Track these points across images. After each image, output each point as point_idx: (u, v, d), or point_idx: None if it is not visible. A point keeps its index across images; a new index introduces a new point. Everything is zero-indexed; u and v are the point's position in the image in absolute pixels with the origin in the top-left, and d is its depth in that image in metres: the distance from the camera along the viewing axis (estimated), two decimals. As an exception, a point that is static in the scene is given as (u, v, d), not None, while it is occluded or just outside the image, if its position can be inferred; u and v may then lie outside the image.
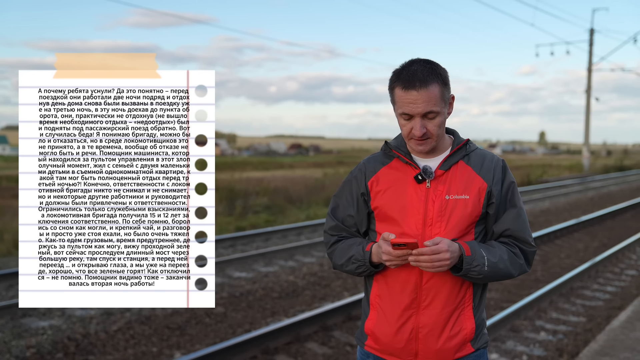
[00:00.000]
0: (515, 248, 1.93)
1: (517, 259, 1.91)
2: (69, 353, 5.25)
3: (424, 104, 1.80)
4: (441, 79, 1.84)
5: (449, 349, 1.91)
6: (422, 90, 1.79)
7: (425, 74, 1.81)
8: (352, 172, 2.06)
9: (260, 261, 8.92)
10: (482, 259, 1.83)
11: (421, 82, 1.80)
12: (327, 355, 5.18)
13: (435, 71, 1.83)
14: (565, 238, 11.14)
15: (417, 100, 1.80)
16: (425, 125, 1.83)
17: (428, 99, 1.80)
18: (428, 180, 1.89)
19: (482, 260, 1.83)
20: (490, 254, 1.85)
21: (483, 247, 1.87)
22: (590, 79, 34.37)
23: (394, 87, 1.87)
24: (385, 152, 2.01)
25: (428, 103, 1.80)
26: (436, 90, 1.81)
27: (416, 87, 1.80)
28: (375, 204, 1.96)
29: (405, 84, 1.82)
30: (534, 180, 27.42)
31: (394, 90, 1.87)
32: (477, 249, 1.84)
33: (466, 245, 1.84)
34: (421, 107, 1.80)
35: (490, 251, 1.86)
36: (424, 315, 1.90)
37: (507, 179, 1.94)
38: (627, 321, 5.22)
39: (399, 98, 1.85)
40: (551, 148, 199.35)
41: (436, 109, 1.82)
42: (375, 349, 2.00)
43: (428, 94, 1.80)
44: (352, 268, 1.96)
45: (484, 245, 1.89)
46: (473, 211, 1.89)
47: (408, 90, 1.81)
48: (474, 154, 1.96)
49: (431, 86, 1.80)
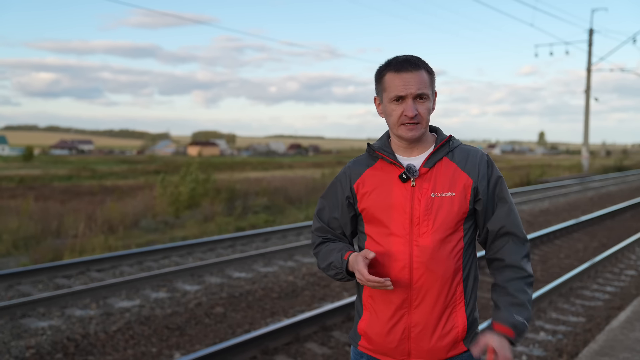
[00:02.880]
0: (520, 271, 1.92)
1: (526, 280, 1.92)
2: (69, 353, 5.25)
3: (416, 84, 1.86)
4: (428, 69, 1.92)
5: (441, 347, 1.91)
6: (414, 72, 1.87)
7: (415, 60, 1.90)
8: (338, 175, 2.07)
9: (260, 261, 8.92)
10: (523, 325, 1.86)
11: (413, 65, 1.87)
12: (327, 355, 5.18)
13: (422, 61, 1.92)
14: (564, 238, 11.15)
15: (410, 81, 1.85)
16: (417, 107, 1.87)
17: (420, 80, 1.87)
18: (413, 179, 1.90)
19: (523, 325, 1.86)
20: (520, 310, 1.87)
21: (512, 309, 1.87)
22: (589, 79, 34.39)
23: (384, 74, 1.92)
24: (369, 153, 2.02)
25: (420, 84, 1.86)
26: (425, 75, 1.89)
27: (409, 69, 1.87)
28: (362, 205, 1.97)
29: (397, 67, 1.88)
30: (534, 180, 27.44)
31: (384, 78, 1.91)
32: (512, 320, 1.85)
33: (503, 327, 1.85)
34: (414, 87, 1.85)
35: (518, 306, 1.87)
36: (415, 314, 1.91)
37: (494, 174, 1.94)
38: (626, 321, 5.22)
39: (390, 82, 1.89)
40: (550, 148, 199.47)
41: (427, 92, 1.88)
42: (369, 349, 2.01)
43: (420, 76, 1.87)
44: (331, 274, 1.98)
45: (509, 302, 1.89)
46: (460, 208, 1.89)
47: (400, 73, 1.87)
48: (458, 149, 1.96)
49: (421, 70, 1.88)
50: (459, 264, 1.91)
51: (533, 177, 28.51)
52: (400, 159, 1.95)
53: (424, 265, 1.88)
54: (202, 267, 8.20)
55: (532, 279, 1.94)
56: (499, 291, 1.93)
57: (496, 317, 1.89)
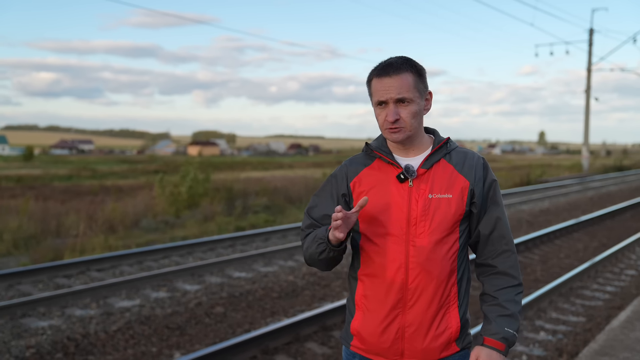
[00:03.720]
0: (511, 279, 1.95)
1: (517, 289, 1.95)
2: (69, 353, 5.25)
3: (396, 89, 1.85)
4: (416, 70, 1.89)
5: (434, 348, 1.92)
6: (395, 76, 1.85)
7: (400, 63, 1.88)
8: (333, 173, 2.07)
9: (260, 261, 8.92)
10: (513, 337, 1.89)
11: (394, 69, 1.86)
12: (327, 355, 5.18)
13: (410, 62, 1.90)
14: (564, 238, 11.15)
15: (390, 87, 1.85)
16: (398, 112, 1.87)
17: (401, 85, 1.85)
18: (410, 179, 1.90)
19: (513, 336, 1.90)
20: (510, 322, 1.90)
21: (502, 322, 1.90)
22: (589, 79, 34.38)
23: (370, 79, 1.93)
24: (366, 153, 2.02)
25: (401, 89, 1.85)
26: (409, 78, 1.87)
27: (390, 74, 1.86)
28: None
29: (379, 72, 1.88)
30: (534, 180, 27.44)
31: (371, 82, 1.92)
32: (503, 334, 1.88)
33: (494, 341, 1.88)
34: (394, 92, 1.85)
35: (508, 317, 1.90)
36: (410, 314, 1.91)
37: (489, 178, 1.95)
38: (626, 321, 5.22)
39: (374, 87, 1.89)
40: (550, 148, 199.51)
41: (409, 95, 1.86)
42: (361, 349, 2.00)
43: (401, 80, 1.85)
44: (314, 248, 1.92)
45: (499, 314, 1.91)
46: (457, 210, 1.90)
47: (381, 78, 1.87)
48: (455, 152, 1.97)
49: (404, 74, 1.86)
50: (454, 265, 1.92)
51: (533, 177, 28.51)
52: (397, 159, 1.96)
53: (420, 265, 1.88)
54: (202, 267, 8.20)
55: (522, 287, 1.97)
56: (490, 301, 1.95)
57: (487, 330, 1.91)
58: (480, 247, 1.99)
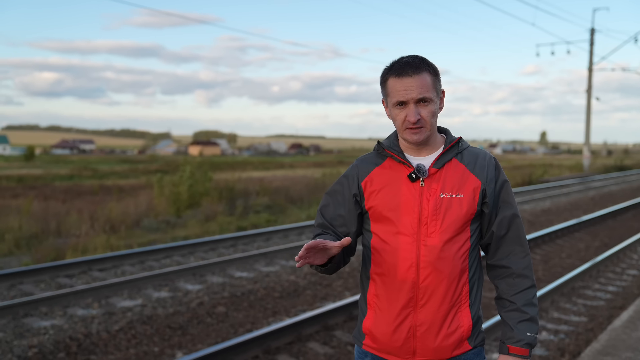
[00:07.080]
0: (526, 280, 1.95)
1: (532, 290, 1.95)
2: (71, 353, 5.25)
3: (417, 89, 1.84)
4: (432, 70, 1.90)
5: (446, 346, 1.92)
6: (415, 76, 1.85)
7: (417, 62, 1.87)
8: (345, 172, 2.07)
9: (262, 261, 8.92)
10: (535, 340, 1.92)
11: (414, 69, 1.85)
12: (329, 355, 5.18)
13: (425, 62, 1.90)
14: (566, 238, 11.14)
15: (411, 86, 1.84)
16: (419, 111, 1.87)
17: (421, 84, 1.85)
18: (422, 179, 1.90)
19: (535, 339, 1.92)
20: (531, 326, 1.92)
21: (524, 327, 1.91)
22: (590, 78, 34.35)
23: (387, 78, 1.91)
24: (378, 152, 2.02)
25: (422, 89, 1.85)
26: (428, 78, 1.87)
27: (410, 74, 1.85)
28: (370, 204, 1.96)
29: (399, 72, 1.87)
30: (535, 179, 27.41)
31: (387, 82, 1.91)
32: (526, 340, 1.91)
33: (519, 349, 1.90)
34: (415, 92, 1.84)
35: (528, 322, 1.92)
36: (421, 313, 1.91)
37: (501, 178, 1.95)
38: (629, 321, 5.21)
39: (392, 87, 1.88)
40: (552, 148, 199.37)
41: (429, 95, 1.86)
42: (373, 347, 2.00)
43: (421, 80, 1.85)
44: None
45: (520, 319, 1.92)
46: (468, 210, 1.90)
47: (402, 78, 1.86)
48: (467, 152, 1.97)
49: (423, 73, 1.86)
50: (465, 264, 1.92)
51: (535, 176, 28.49)
52: (409, 158, 1.95)
53: (431, 264, 1.88)
54: (203, 267, 8.21)
55: (536, 287, 1.98)
56: (508, 307, 1.95)
57: (510, 338, 1.91)
58: (493, 248, 1.98)
